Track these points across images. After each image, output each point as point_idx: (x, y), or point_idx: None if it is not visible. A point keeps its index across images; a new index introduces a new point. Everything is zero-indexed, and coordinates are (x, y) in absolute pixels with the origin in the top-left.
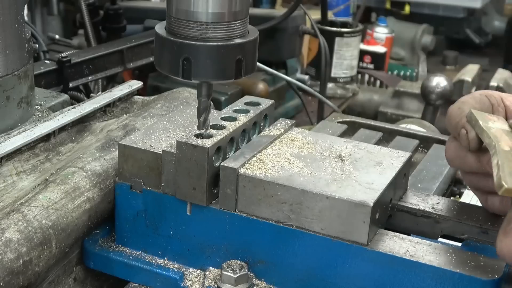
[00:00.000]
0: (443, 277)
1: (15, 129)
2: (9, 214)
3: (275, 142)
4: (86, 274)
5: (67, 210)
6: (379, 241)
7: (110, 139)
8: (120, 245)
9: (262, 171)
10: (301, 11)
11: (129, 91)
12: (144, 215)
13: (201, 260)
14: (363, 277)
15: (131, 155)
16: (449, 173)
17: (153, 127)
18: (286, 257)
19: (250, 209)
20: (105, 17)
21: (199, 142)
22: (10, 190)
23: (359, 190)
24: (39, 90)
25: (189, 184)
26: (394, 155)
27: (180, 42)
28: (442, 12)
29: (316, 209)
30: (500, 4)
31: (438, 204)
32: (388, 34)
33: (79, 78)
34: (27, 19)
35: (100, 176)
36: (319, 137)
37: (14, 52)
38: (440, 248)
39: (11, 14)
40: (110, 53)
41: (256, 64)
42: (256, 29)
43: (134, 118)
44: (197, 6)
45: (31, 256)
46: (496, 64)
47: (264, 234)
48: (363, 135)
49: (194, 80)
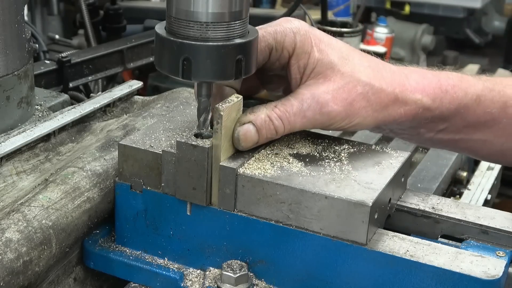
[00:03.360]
0: (443, 277)
1: (15, 129)
2: (9, 214)
3: (274, 142)
4: (86, 274)
5: (67, 210)
6: (379, 241)
7: (110, 139)
8: (120, 245)
9: (261, 171)
10: (301, 11)
11: (129, 91)
12: (144, 215)
13: (201, 260)
14: (362, 277)
15: (131, 155)
16: (449, 173)
17: (153, 127)
18: (286, 257)
19: (249, 209)
20: (105, 17)
21: (199, 142)
22: (10, 190)
23: (358, 190)
24: (39, 90)
25: (189, 184)
26: (393, 155)
27: (180, 42)
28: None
29: (315, 209)
30: (500, 4)
31: (438, 204)
32: (388, 34)
33: (79, 78)
34: (27, 19)
35: (100, 176)
36: (318, 137)
37: (14, 52)
38: (440, 248)
39: (11, 14)
40: (110, 53)
41: (256, 64)
42: (256, 29)
43: (134, 118)
44: (197, 6)
45: (31, 256)
46: (496, 64)
47: (264, 234)
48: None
49: (194, 80)
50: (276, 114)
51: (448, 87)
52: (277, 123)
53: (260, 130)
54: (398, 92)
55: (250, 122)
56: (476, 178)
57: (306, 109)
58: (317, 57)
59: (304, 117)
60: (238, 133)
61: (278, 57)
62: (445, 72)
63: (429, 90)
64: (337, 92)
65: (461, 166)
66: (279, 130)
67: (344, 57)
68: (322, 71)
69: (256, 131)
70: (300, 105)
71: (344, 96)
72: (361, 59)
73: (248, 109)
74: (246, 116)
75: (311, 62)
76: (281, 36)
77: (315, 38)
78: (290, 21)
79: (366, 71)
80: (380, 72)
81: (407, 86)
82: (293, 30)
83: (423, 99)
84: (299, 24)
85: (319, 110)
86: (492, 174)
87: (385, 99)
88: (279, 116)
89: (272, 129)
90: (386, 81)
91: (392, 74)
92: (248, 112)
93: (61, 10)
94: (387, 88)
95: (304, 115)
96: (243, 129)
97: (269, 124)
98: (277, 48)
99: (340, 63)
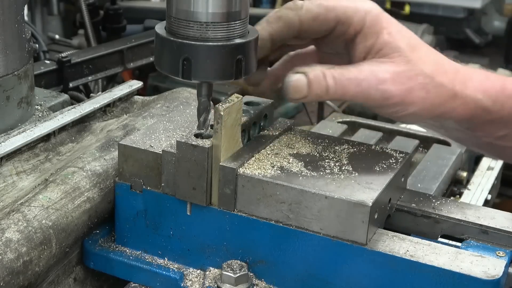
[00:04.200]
0: (443, 277)
1: (15, 129)
2: (9, 214)
3: (274, 142)
4: (86, 274)
5: (67, 210)
6: (379, 241)
7: (110, 139)
8: (120, 245)
9: (261, 171)
10: None
11: (129, 91)
12: (144, 215)
13: (201, 260)
14: (362, 277)
15: (131, 155)
16: (449, 173)
17: (153, 127)
18: (286, 257)
19: (249, 209)
20: (105, 17)
21: (199, 142)
22: (10, 190)
23: (358, 190)
24: (39, 90)
25: (189, 184)
26: (393, 155)
27: (180, 42)
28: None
29: (315, 209)
30: (500, 4)
31: (438, 204)
32: None
33: (79, 78)
34: (27, 19)
35: (100, 176)
36: (318, 137)
37: (14, 52)
38: (440, 248)
39: (11, 14)
40: (110, 53)
41: (256, 64)
42: (256, 29)
43: (134, 118)
44: (197, 6)
45: (31, 256)
46: (496, 64)
47: (264, 234)
48: (363, 135)
49: (194, 80)
50: (331, 73)
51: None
52: (330, 82)
53: (311, 84)
54: (458, 89)
55: (304, 73)
56: (476, 178)
57: (363, 78)
58: (386, 39)
59: (358, 86)
60: (289, 81)
61: (343, 32)
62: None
63: (491, 91)
64: (397, 75)
65: (461, 166)
66: (330, 89)
67: (412, 45)
68: (388, 54)
69: (307, 83)
70: (357, 73)
71: (403, 81)
72: (428, 51)
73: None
74: (301, 68)
75: (379, 43)
76: (352, 12)
77: (387, 21)
78: (364, 1)
79: (431, 63)
80: (444, 67)
81: (469, 84)
82: (365, 9)
83: (483, 99)
84: (371, 5)
85: (375, 85)
86: (492, 174)
87: (444, 94)
88: (333, 75)
89: (323, 86)
90: (448, 76)
91: (455, 71)
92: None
93: (61, 10)
94: (448, 84)
95: (359, 84)
96: (295, 77)
97: (322, 80)
98: (344, 22)
99: (407, 50)
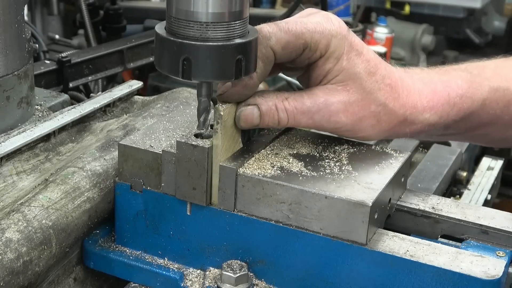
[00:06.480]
0: (443, 277)
1: (15, 129)
2: (9, 214)
3: (274, 142)
4: (86, 274)
5: (67, 210)
6: (379, 241)
7: (110, 139)
8: (120, 245)
9: (261, 170)
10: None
11: (129, 91)
12: (144, 215)
13: (201, 260)
14: (362, 277)
15: (131, 155)
16: (449, 173)
17: (153, 127)
18: (286, 257)
19: (249, 209)
20: (105, 17)
21: (199, 142)
22: (10, 190)
23: (358, 190)
24: (39, 90)
25: (189, 184)
26: (393, 155)
27: (180, 42)
28: (442, 12)
29: (315, 209)
30: (500, 4)
31: (438, 204)
32: (388, 34)
33: (79, 78)
34: (27, 19)
35: (100, 176)
36: (318, 137)
37: (14, 52)
38: (440, 248)
39: (11, 14)
40: (110, 53)
41: (256, 64)
42: (256, 29)
43: (134, 118)
44: (197, 6)
45: (31, 256)
46: None
47: (264, 234)
48: None
49: (194, 80)
50: (284, 107)
51: (456, 98)
52: (282, 115)
53: (263, 116)
54: (408, 114)
55: (256, 105)
56: (476, 178)
57: (315, 112)
58: (343, 66)
59: (310, 119)
60: (241, 112)
61: (310, 56)
62: (456, 78)
63: (437, 107)
64: (350, 105)
65: (461, 166)
66: (282, 122)
67: (370, 71)
68: (344, 80)
69: (259, 116)
70: (311, 106)
71: (355, 111)
72: (385, 75)
73: (258, 92)
74: (254, 98)
75: (337, 69)
76: (319, 36)
77: (348, 45)
78: (331, 21)
79: (385, 89)
80: (397, 91)
81: (418, 106)
82: (332, 33)
83: (430, 118)
84: (338, 27)
85: (328, 118)
86: (492, 174)
87: (394, 121)
88: (286, 109)
89: (275, 119)
90: (400, 102)
91: (407, 93)
92: (258, 95)
93: (61, 10)
94: (399, 110)
95: (311, 117)
96: (247, 109)
97: (274, 113)
98: (311, 48)
99: (364, 76)
